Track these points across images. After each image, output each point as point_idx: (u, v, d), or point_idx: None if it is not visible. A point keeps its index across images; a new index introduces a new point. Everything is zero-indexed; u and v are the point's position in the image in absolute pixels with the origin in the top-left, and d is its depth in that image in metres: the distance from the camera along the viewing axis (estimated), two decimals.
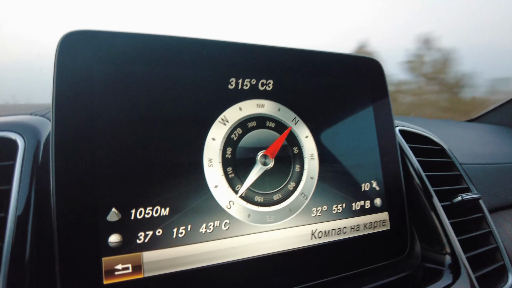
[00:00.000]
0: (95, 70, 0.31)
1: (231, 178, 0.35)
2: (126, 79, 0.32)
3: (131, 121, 0.32)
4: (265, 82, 0.39)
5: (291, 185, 0.38)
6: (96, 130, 0.30)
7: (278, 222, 0.37)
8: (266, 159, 0.37)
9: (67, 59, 0.30)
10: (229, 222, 0.34)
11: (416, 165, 0.49)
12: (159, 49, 0.34)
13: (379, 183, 0.44)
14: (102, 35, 0.32)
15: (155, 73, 0.33)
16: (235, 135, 0.36)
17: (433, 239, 0.46)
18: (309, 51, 0.42)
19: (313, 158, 0.40)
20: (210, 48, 0.36)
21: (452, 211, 0.49)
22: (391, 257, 0.43)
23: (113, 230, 0.30)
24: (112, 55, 0.32)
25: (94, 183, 0.30)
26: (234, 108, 0.37)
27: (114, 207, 0.30)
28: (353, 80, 0.44)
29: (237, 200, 0.35)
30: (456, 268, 0.43)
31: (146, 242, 0.31)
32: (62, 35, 0.31)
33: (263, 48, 0.39)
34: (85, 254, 0.29)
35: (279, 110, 0.39)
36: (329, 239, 0.39)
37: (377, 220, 0.43)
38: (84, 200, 0.29)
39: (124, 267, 0.30)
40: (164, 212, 0.32)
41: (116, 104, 0.31)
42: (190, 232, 0.32)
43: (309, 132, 0.40)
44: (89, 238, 0.29)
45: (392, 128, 0.46)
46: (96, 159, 0.30)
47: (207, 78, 0.35)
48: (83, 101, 0.30)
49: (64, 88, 0.30)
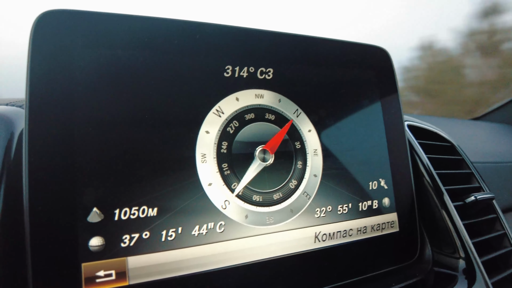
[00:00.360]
0: (75, 54, 0.28)
1: (226, 175, 0.32)
2: (110, 65, 0.29)
3: (115, 111, 0.29)
4: (265, 70, 0.35)
5: (292, 183, 0.35)
6: (75, 121, 0.27)
7: (278, 223, 0.34)
8: (265, 155, 0.34)
9: (43, 42, 0.27)
10: (224, 223, 0.31)
11: (426, 163, 0.46)
12: (147, 32, 0.31)
13: (388, 181, 0.41)
14: (83, 15, 0.29)
15: (142, 59, 0.30)
16: (231, 128, 0.33)
17: (445, 242, 0.43)
18: (312, 37, 0.39)
19: (317, 154, 0.37)
20: (204, 31, 0.33)
21: (464, 212, 0.45)
22: (400, 262, 0.40)
23: (94, 233, 0.27)
24: (95, 38, 0.29)
25: (73, 180, 0.27)
26: (230, 98, 0.33)
27: (95, 206, 0.27)
28: (359, 70, 0.41)
29: (233, 199, 0.32)
30: (471, 273, 0.40)
31: (132, 246, 0.28)
32: (38, 15, 0.28)
33: (263, 33, 0.36)
34: (62, 259, 0.26)
35: (279, 102, 0.36)
36: (334, 242, 0.36)
37: (385, 221, 0.40)
38: (62, 198, 0.26)
39: (107, 273, 0.27)
40: (152, 212, 0.29)
41: (98, 92, 0.28)
42: (181, 234, 0.29)
43: (312, 125, 0.37)
44: (67, 241, 0.26)
45: (401, 123, 0.43)
46: (75, 153, 0.27)
47: (200, 65, 0.32)
48: (61, 89, 0.27)
49: (39, 75, 0.27)
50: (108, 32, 0.29)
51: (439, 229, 0.43)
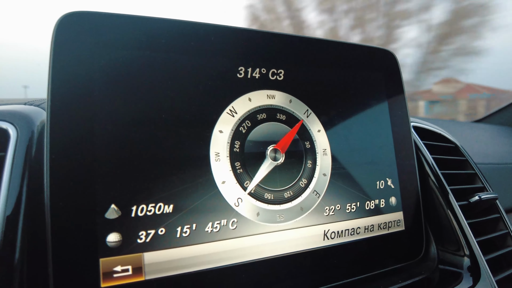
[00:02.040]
0: (95, 55, 0.29)
1: (239, 173, 0.33)
2: (128, 66, 0.30)
3: (133, 111, 0.29)
4: (276, 71, 0.36)
5: (302, 182, 0.36)
6: (95, 120, 0.28)
7: (289, 221, 0.34)
8: (276, 154, 0.35)
9: (65, 43, 0.28)
10: (237, 221, 0.32)
11: (432, 163, 0.46)
12: (164, 34, 0.31)
13: (394, 181, 0.41)
14: (102, 17, 0.29)
15: (159, 60, 0.31)
16: (243, 128, 0.34)
17: (449, 240, 0.43)
18: (322, 40, 0.39)
19: (326, 153, 0.38)
20: (218, 34, 0.34)
21: (468, 211, 0.46)
22: (406, 259, 0.41)
23: (112, 229, 0.27)
24: (114, 40, 0.29)
25: (92, 177, 0.27)
26: (243, 98, 0.34)
27: (113, 203, 0.28)
28: (367, 72, 0.42)
29: (245, 197, 0.33)
30: (476, 271, 0.40)
31: (148, 242, 0.28)
32: (60, 17, 0.28)
33: (274, 35, 0.37)
34: (81, 255, 0.26)
35: (290, 102, 0.37)
36: (342, 240, 0.37)
37: (391, 220, 0.41)
38: (81, 196, 0.27)
39: (124, 268, 0.27)
40: (168, 209, 0.29)
41: (117, 92, 0.29)
42: (195, 231, 0.30)
43: (321, 126, 0.38)
44: (85, 237, 0.27)
45: (407, 124, 0.44)
46: (94, 152, 0.28)
47: (214, 66, 0.33)
48: (82, 89, 0.28)
49: (60, 75, 0.27)
50: (127, 34, 0.30)
51: (444, 227, 0.44)
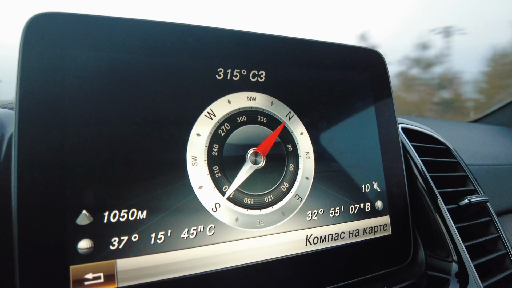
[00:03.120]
0: (65, 57, 0.28)
1: (217, 177, 0.32)
2: (100, 68, 0.29)
3: (105, 113, 0.28)
4: (257, 73, 0.35)
5: (284, 185, 0.35)
6: (65, 123, 0.27)
7: (269, 226, 0.34)
8: (257, 157, 0.34)
9: (34, 45, 0.27)
10: (214, 226, 0.31)
11: (420, 165, 0.46)
12: (138, 34, 0.30)
13: (381, 184, 0.41)
14: (74, 18, 0.29)
15: (133, 61, 0.30)
16: (222, 131, 0.33)
17: (438, 245, 0.43)
18: (306, 40, 0.38)
19: (309, 156, 0.37)
20: (197, 34, 0.33)
21: (458, 215, 0.45)
22: (393, 265, 0.40)
23: (83, 235, 0.27)
24: (86, 41, 0.29)
25: (62, 182, 0.26)
26: (222, 101, 0.33)
27: (84, 209, 0.27)
28: (353, 73, 0.41)
29: (224, 202, 0.32)
30: (464, 276, 0.39)
31: (121, 249, 0.28)
32: (28, 19, 0.27)
33: (255, 36, 0.36)
34: (51, 261, 0.25)
35: (272, 104, 0.36)
36: (326, 245, 0.36)
37: (377, 224, 0.40)
38: (51, 201, 0.26)
39: (95, 276, 0.27)
40: (141, 215, 0.29)
41: (88, 95, 0.28)
42: (170, 237, 0.29)
43: (304, 128, 0.37)
44: (55, 243, 0.26)
45: (394, 125, 0.43)
46: (64, 156, 0.27)
47: (192, 68, 0.32)
48: (51, 92, 0.27)
49: (29, 77, 0.27)
50: (99, 35, 0.29)
51: (432, 232, 0.43)
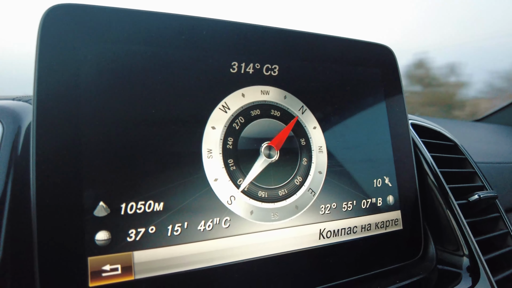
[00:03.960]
0: (82, 49, 0.28)
1: (232, 170, 0.32)
2: (116, 60, 0.29)
3: (122, 106, 0.29)
4: (270, 67, 0.35)
5: (297, 179, 0.35)
6: (82, 116, 0.27)
7: (283, 220, 0.34)
8: (270, 151, 0.34)
9: (52, 36, 0.27)
10: (229, 219, 0.31)
11: (430, 161, 0.46)
12: (154, 27, 0.31)
13: (392, 179, 0.41)
14: (91, 9, 0.29)
15: (149, 54, 0.30)
16: (237, 124, 0.33)
17: (448, 240, 0.43)
18: (318, 34, 0.39)
19: (322, 151, 0.37)
20: (211, 27, 0.33)
21: (468, 210, 0.45)
22: (404, 259, 0.40)
23: (100, 227, 0.27)
24: (102, 33, 0.29)
25: (80, 174, 0.27)
26: (236, 94, 0.33)
27: (102, 201, 0.27)
28: (364, 68, 0.41)
29: (238, 195, 0.32)
30: (475, 271, 0.40)
31: (138, 241, 0.28)
32: (46, 9, 0.28)
33: (268, 30, 0.36)
34: (69, 253, 0.25)
35: (285, 98, 0.36)
36: (339, 239, 0.36)
37: (389, 219, 0.40)
38: (69, 192, 0.26)
39: (113, 268, 0.27)
40: (158, 207, 0.29)
41: (105, 88, 0.28)
42: (187, 230, 0.29)
43: (317, 122, 0.37)
44: (73, 235, 0.26)
45: (405, 120, 0.43)
46: (82, 149, 0.27)
47: (206, 61, 0.32)
48: (69, 85, 0.27)
49: (47, 69, 0.27)
50: (115, 27, 0.29)
51: (442, 227, 0.43)
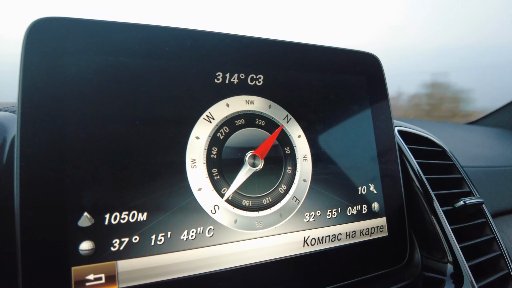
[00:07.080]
0: (66, 61, 0.28)
1: (216, 180, 0.33)
2: (101, 72, 0.29)
3: (106, 117, 0.29)
4: (255, 77, 0.36)
5: (282, 188, 0.36)
6: (66, 126, 0.28)
7: (267, 228, 0.34)
8: (255, 160, 0.35)
9: (36, 49, 0.28)
10: (213, 228, 0.32)
11: (416, 168, 0.46)
12: (137, 39, 0.31)
13: (377, 186, 0.41)
14: (74, 22, 0.29)
15: (133, 65, 0.31)
16: (221, 134, 0.34)
17: (433, 246, 0.43)
18: (302, 44, 0.39)
19: (306, 159, 0.37)
20: (195, 38, 0.33)
21: (454, 217, 0.46)
22: (389, 266, 0.41)
23: (84, 237, 0.27)
24: (86, 45, 0.29)
25: (64, 184, 0.27)
26: (221, 104, 0.34)
27: (86, 211, 0.27)
28: (349, 76, 0.42)
29: (222, 204, 0.32)
30: (459, 277, 0.40)
31: (121, 250, 0.28)
32: (31, 23, 0.28)
33: (253, 40, 0.36)
34: (53, 263, 0.26)
35: (269, 107, 0.36)
36: (323, 246, 0.37)
37: (374, 226, 0.40)
38: (53, 203, 0.26)
39: (97, 277, 0.27)
40: (142, 217, 0.29)
41: (89, 98, 0.29)
42: (170, 239, 0.30)
43: (302, 131, 0.38)
44: (57, 245, 0.26)
45: (391, 128, 0.44)
46: (66, 159, 0.27)
47: (191, 72, 0.33)
48: (53, 95, 0.28)
49: (31, 81, 0.27)
50: (99, 39, 0.30)
51: (428, 233, 0.44)
